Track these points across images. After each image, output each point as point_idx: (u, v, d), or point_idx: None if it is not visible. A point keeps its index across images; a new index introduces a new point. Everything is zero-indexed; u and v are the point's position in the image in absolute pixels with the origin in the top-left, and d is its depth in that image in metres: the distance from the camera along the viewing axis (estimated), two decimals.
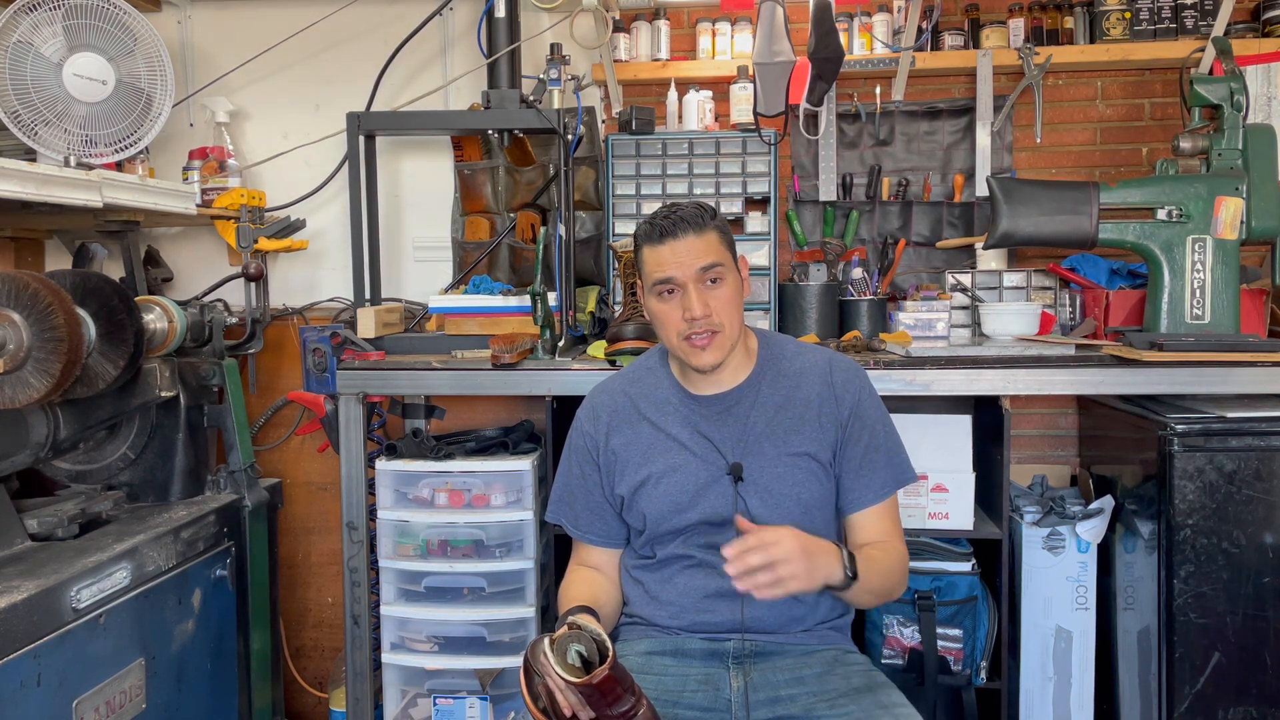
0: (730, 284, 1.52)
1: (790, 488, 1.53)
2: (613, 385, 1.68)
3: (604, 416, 1.63)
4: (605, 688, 1.21)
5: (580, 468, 1.64)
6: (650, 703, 1.27)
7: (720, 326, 1.50)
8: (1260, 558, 1.93)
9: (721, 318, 1.50)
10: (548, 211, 2.62)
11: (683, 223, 1.49)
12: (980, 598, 2.19)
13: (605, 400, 1.65)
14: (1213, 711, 1.95)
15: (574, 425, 1.68)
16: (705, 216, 1.51)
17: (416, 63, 2.69)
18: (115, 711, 1.78)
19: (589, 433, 1.64)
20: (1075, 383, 2.03)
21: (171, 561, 1.98)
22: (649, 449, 1.57)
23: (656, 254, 1.51)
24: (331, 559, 2.84)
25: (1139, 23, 2.51)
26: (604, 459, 1.62)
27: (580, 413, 1.68)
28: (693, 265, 1.49)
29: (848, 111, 2.65)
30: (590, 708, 1.23)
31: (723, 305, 1.50)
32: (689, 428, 1.56)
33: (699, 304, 1.48)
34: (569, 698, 1.23)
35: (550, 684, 1.23)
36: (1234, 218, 2.15)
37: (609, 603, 1.61)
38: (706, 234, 1.50)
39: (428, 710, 2.26)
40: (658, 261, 1.51)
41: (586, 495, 1.64)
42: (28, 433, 1.85)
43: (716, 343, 1.50)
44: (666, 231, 1.50)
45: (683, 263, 1.49)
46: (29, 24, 2.15)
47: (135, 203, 2.19)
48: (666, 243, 1.50)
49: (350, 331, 2.26)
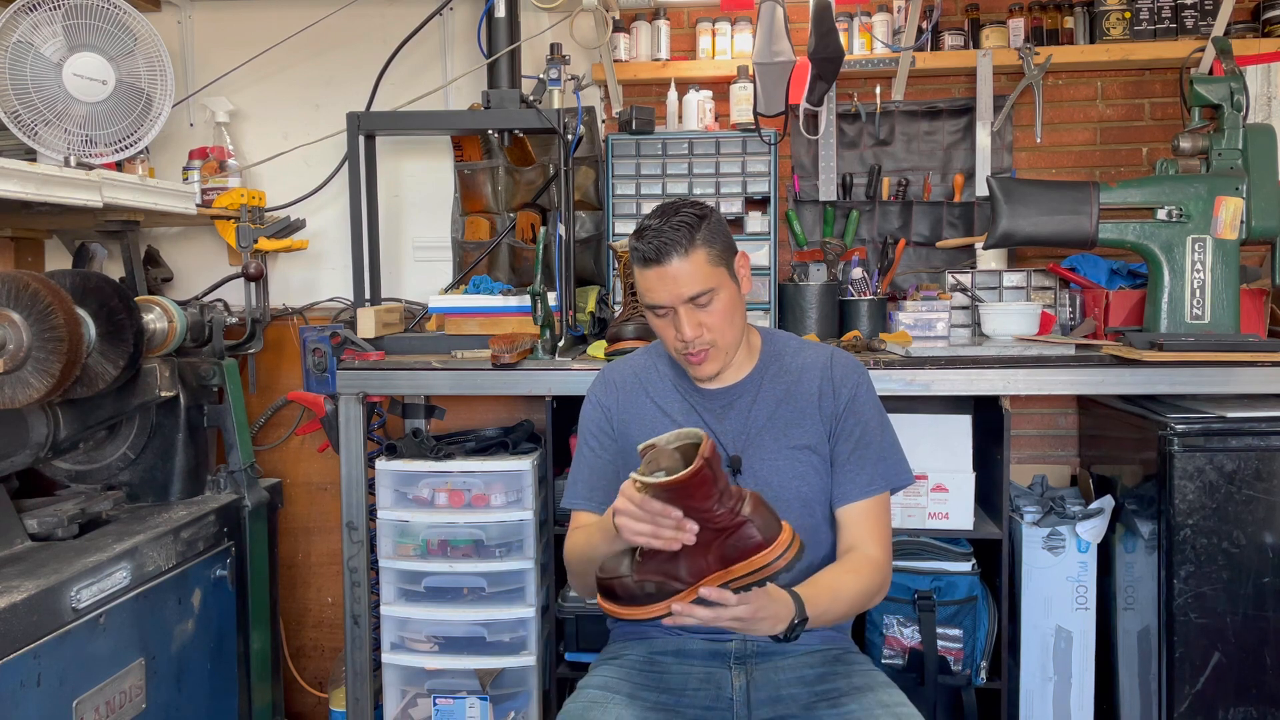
0: (723, 299, 1.50)
1: (790, 480, 1.54)
2: (622, 366, 1.70)
3: (614, 390, 1.65)
4: (691, 486, 1.19)
5: (598, 440, 1.63)
6: (751, 493, 1.27)
7: (714, 343, 1.51)
8: (1260, 558, 1.93)
9: (715, 334, 1.50)
10: (548, 211, 2.62)
11: (666, 247, 1.45)
12: (980, 598, 2.19)
13: (615, 377, 1.67)
14: (1213, 711, 1.95)
15: (584, 408, 1.68)
16: (691, 234, 1.46)
17: (416, 63, 2.69)
18: (115, 711, 1.77)
19: (601, 402, 1.65)
20: (1075, 383, 2.03)
21: (171, 561, 1.98)
22: (652, 430, 1.56)
23: (645, 278, 1.50)
24: (331, 559, 2.84)
25: (1139, 23, 2.51)
26: (617, 426, 1.62)
27: (590, 392, 1.68)
28: (680, 295, 1.47)
29: (848, 111, 2.66)
30: (687, 512, 1.21)
31: (717, 322, 1.50)
32: (693, 416, 1.57)
33: (690, 327, 1.48)
34: (651, 507, 1.21)
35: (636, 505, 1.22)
36: (1234, 218, 2.15)
37: None
38: (694, 255, 1.46)
39: (428, 710, 2.26)
40: (646, 286, 1.50)
41: (603, 469, 1.62)
42: (28, 433, 1.85)
43: (712, 356, 1.52)
44: (650, 259, 1.47)
45: (670, 290, 1.47)
46: (29, 24, 2.15)
47: (135, 203, 2.19)
48: (653, 269, 1.47)
49: (350, 331, 2.26)
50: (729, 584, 1.26)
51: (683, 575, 1.27)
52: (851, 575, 1.48)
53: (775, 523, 1.28)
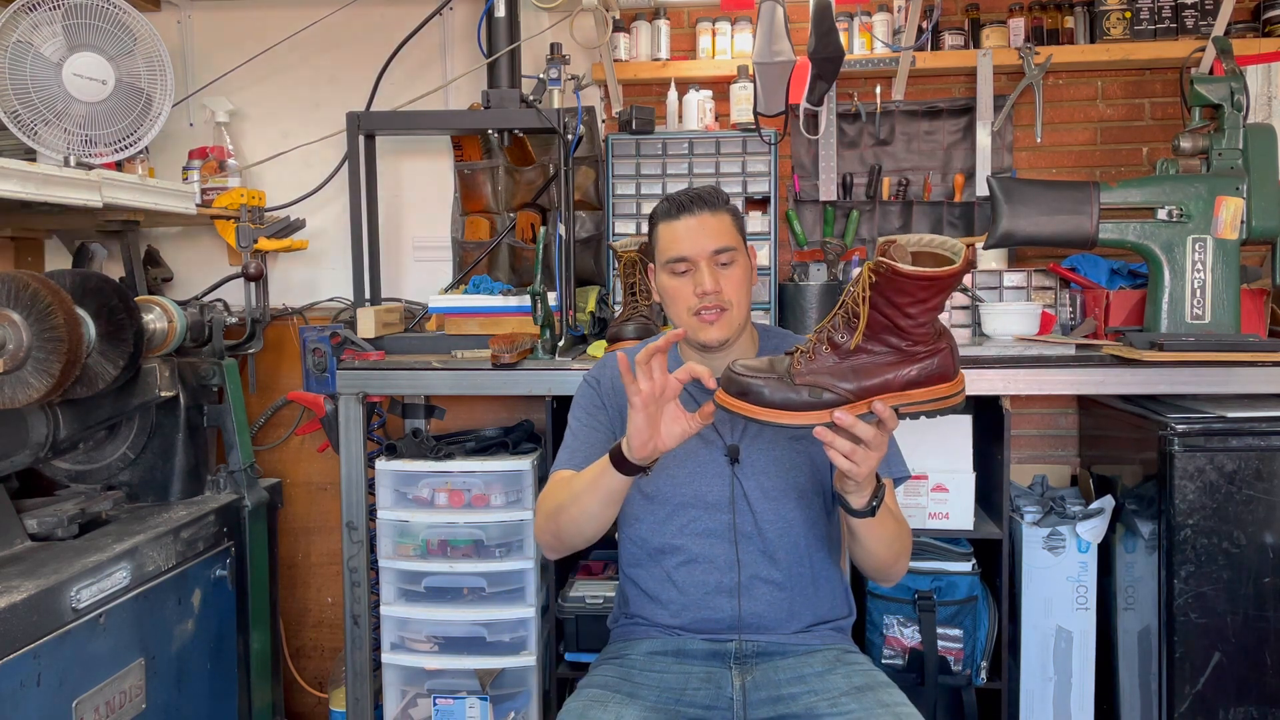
0: (741, 266, 1.55)
1: (788, 471, 1.54)
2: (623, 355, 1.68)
3: (609, 369, 1.64)
4: (952, 279, 1.14)
5: (587, 413, 1.62)
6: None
7: (729, 304, 1.53)
8: (1260, 558, 1.93)
9: (731, 296, 1.53)
10: (548, 211, 2.62)
11: (700, 200, 1.54)
12: (980, 598, 2.19)
13: (613, 361, 1.66)
14: (1213, 711, 1.95)
15: (578, 389, 1.67)
16: (720, 199, 1.56)
17: (416, 63, 2.69)
18: (115, 711, 1.77)
19: (595, 378, 1.66)
20: (1075, 383, 2.03)
21: (171, 561, 1.98)
22: None
23: (672, 229, 1.55)
24: (331, 559, 2.83)
25: (1139, 22, 2.51)
26: (609, 401, 1.61)
27: (586, 376, 1.68)
28: (707, 246, 1.52)
29: (848, 111, 2.65)
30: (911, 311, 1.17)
31: (733, 285, 1.53)
32: (692, 404, 1.57)
33: (710, 280, 1.51)
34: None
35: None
36: (1234, 217, 2.14)
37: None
38: (721, 215, 1.55)
39: (428, 710, 2.26)
40: (673, 237, 1.54)
41: (589, 438, 1.59)
42: (28, 433, 1.85)
43: (724, 320, 1.53)
44: (684, 207, 1.54)
45: (697, 240, 1.52)
46: (29, 24, 2.15)
47: (135, 202, 2.19)
48: (682, 219, 1.54)
49: (350, 331, 2.26)
50: (897, 408, 1.24)
51: (849, 388, 1.24)
52: (892, 517, 1.47)
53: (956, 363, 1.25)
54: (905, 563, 1.53)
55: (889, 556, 1.48)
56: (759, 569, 1.53)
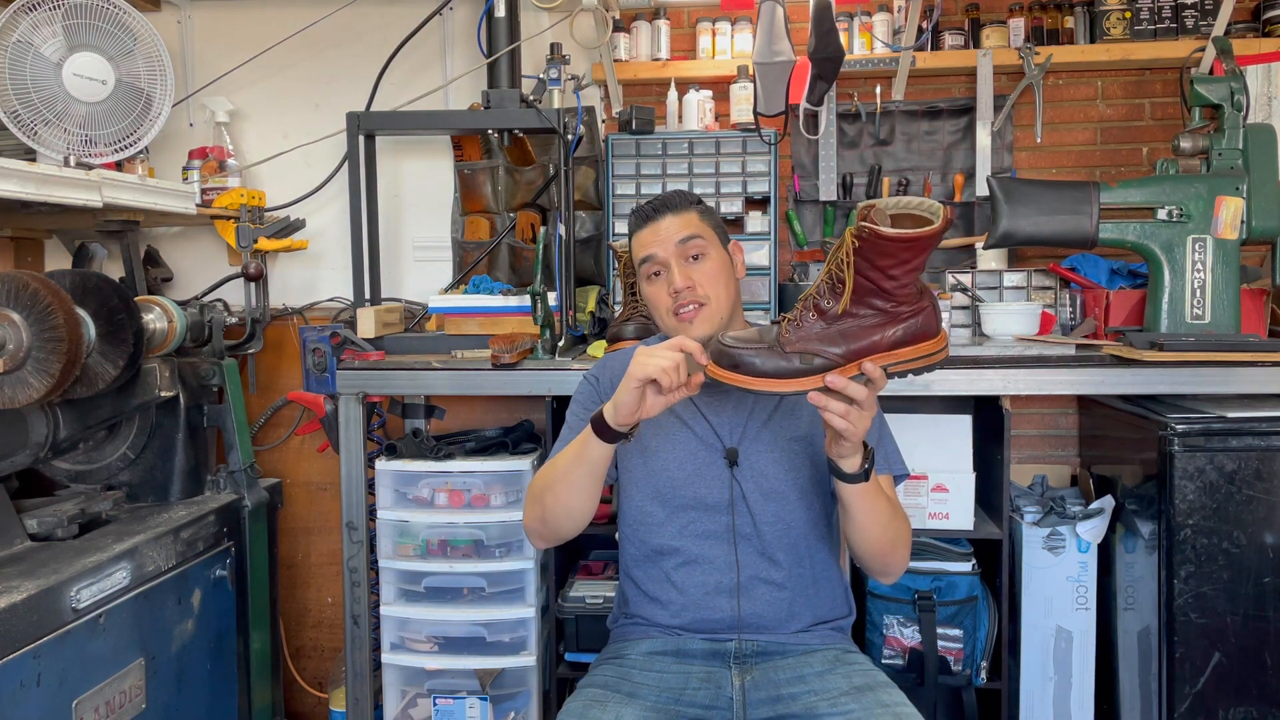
0: (714, 259, 1.56)
1: (787, 472, 1.54)
2: (622, 354, 1.68)
3: (609, 369, 1.65)
4: (930, 240, 1.16)
5: (584, 408, 1.62)
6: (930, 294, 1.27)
7: (705, 299, 1.53)
8: (1260, 558, 1.93)
9: (706, 290, 1.53)
10: (548, 211, 2.62)
11: (664, 204, 1.57)
12: (980, 598, 2.19)
13: (615, 363, 1.66)
14: (1213, 711, 1.95)
15: (578, 386, 1.68)
16: (685, 200, 1.59)
17: (416, 63, 2.69)
18: (115, 711, 1.77)
19: (594, 376, 1.67)
20: (1075, 383, 2.03)
21: (171, 561, 1.98)
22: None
23: (639, 237, 1.58)
24: (331, 559, 2.84)
25: (1139, 22, 2.51)
26: (606, 398, 1.60)
27: (585, 374, 1.69)
28: (670, 240, 1.54)
29: (848, 111, 2.65)
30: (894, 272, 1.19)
31: (706, 278, 1.54)
32: (690, 406, 1.57)
33: (681, 277, 1.52)
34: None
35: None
36: (1234, 217, 2.14)
37: None
38: (686, 214, 1.56)
39: (428, 710, 2.26)
40: (640, 243, 1.58)
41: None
42: (27, 433, 1.85)
43: (703, 315, 1.53)
44: (647, 216, 1.57)
45: (661, 240, 1.55)
46: (29, 24, 2.15)
47: (135, 202, 2.19)
48: (648, 225, 1.57)
49: (350, 331, 2.26)
50: (886, 368, 1.27)
51: (838, 352, 1.26)
52: (884, 496, 1.48)
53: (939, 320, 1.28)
54: (904, 555, 1.53)
55: (885, 540, 1.48)
56: (758, 569, 1.53)
